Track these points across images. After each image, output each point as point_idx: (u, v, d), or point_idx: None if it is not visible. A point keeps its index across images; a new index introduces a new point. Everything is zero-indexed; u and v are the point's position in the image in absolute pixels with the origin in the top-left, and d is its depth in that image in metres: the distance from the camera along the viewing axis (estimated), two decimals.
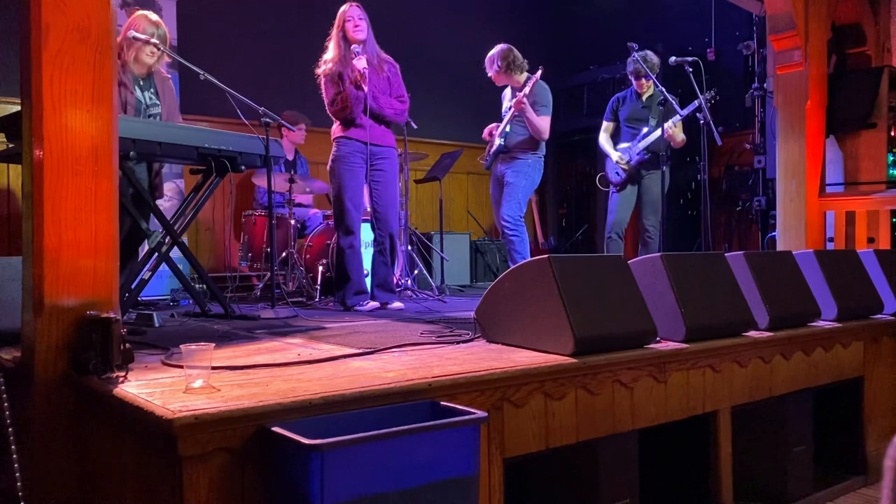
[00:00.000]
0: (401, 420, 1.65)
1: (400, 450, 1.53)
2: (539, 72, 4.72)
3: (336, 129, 4.29)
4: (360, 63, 4.13)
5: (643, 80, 5.18)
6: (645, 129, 5.13)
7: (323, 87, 4.28)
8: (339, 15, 4.28)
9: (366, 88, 4.15)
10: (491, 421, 2.00)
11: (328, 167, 4.30)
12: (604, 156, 5.45)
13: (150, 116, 3.81)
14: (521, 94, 4.69)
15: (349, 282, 4.20)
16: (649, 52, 5.11)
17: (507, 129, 4.87)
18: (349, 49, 4.22)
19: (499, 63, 4.84)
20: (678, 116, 4.91)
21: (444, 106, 7.23)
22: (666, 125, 4.86)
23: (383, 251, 4.33)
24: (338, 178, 4.21)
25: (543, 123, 4.77)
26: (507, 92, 5.06)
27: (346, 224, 4.20)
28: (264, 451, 1.60)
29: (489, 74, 4.96)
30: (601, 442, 2.31)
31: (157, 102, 3.87)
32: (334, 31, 4.28)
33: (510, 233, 4.75)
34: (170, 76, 4.06)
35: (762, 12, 5.39)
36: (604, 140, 5.42)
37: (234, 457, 1.58)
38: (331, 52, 4.27)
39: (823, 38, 4.84)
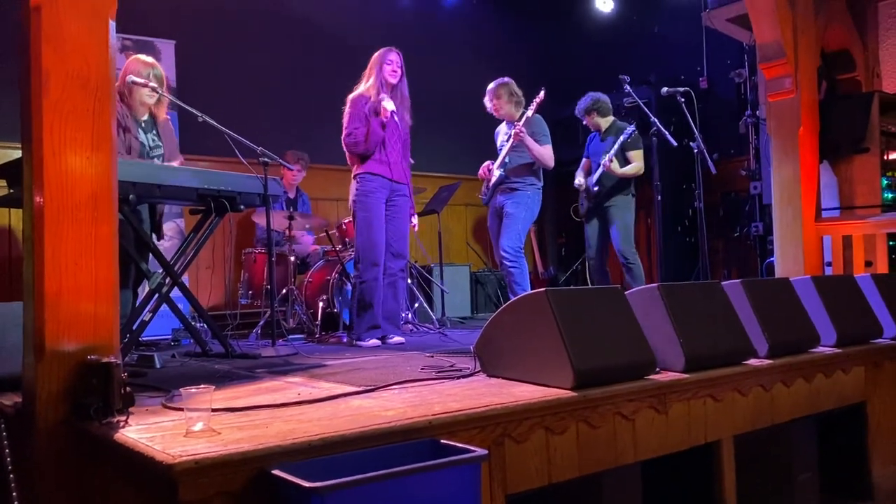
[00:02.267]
0: (401, 459, 1.65)
1: (400, 490, 1.53)
2: (541, 94, 4.79)
3: (358, 165, 4.34)
4: (389, 105, 4.20)
5: (588, 119, 5.52)
6: (601, 161, 5.42)
7: (347, 116, 4.33)
8: (378, 55, 4.37)
9: (402, 122, 4.29)
10: (492, 457, 2.00)
11: (352, 202, 4.35)
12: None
13: (153, 158, 3.85)
14: (522, 120, 4.78)
15: (367, 314, 4.21)
16: (598, 93, 5.49)
17: (507, 160, 4.91)
18: (385, 91, 4.31)
19: (499, 93, 4.92)
20: (613, 149, 5.22)
21: (441, 139, 7.30)
22: (604, 161, 5.23)
23: (394, 285, 4.35)
24: (365, 212, 4.25)
25: (547, 151, 4.87)
26: (502, 127, 5.15)
27: (374, 257, 4.22)
28: (265, 494, 1.59)
29: (489, 105, 5.02)
30: (604, 475, 2.31)
31: (160, 144, 3.92)
32: (372, 70, 4.36)
33: (510, 264, 4.76)
34: (169, 117, 4.10)
35: (752, 41, 5.46)
36: (577, 173, 5.69)
37: (235, 500, 1.58)
38: (367, 87, 4.34)
39: (813, 65, 4.89)
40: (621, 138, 5.21)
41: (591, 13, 8.06)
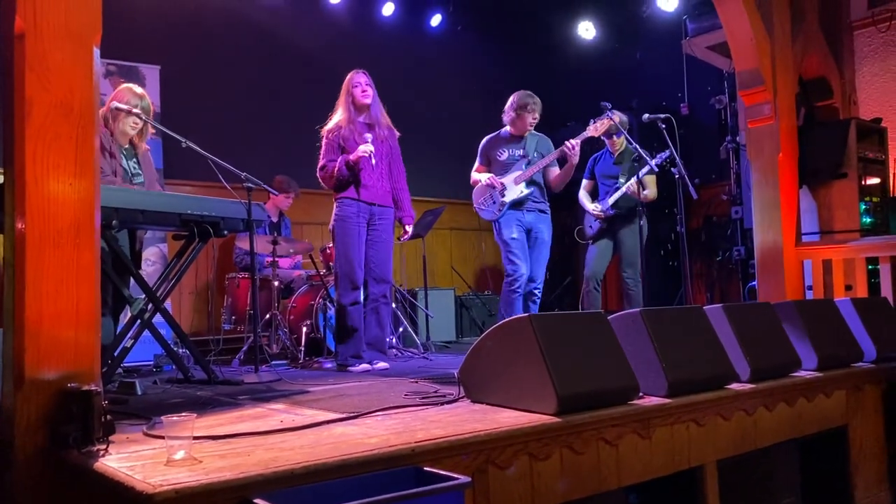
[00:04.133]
0: (384, 488, 1.64)
1: None
2: (616, 114, 4.77)
3: (336, 189, 4.34)
4: (364, 150, 4.18)
5: (614, 139, 5.40)
6: (616, 186, 5.33)
7: (323, 148, 4.36)
8: (346, 80, 4.38)
9: (383, 143, 4.29)
10: (476, 485, 1.99)
11: (331, 226, 4.36)
12: (583, 210, 5.58)
13: (136, 185, 3.87)
14: (580, 138, 4.69)
15: (351, 340, 4.19)
16: (618, 112, 5.24)
17: (533, 178, 4.76)
18: (357, 114, 4.32)
19: (534, 103, 4.81)
20: (643, 172, 5.00)
21: (425, 164, 7.31)
22: (628, 184, 5.13)
23: (377, 310, 4.34)
24: (342, 236, 4.26)
25: None
26: (505, 133, 4.93)
27: (352, 281, 4.21)
28: None
29: (528, 116, 4.80)
30: (588, 501, 2.30)
31: (140, 172, 3.94)
32: (342, 97, 4.38)
33: (540, 293, 4.74)
34: (149, 148, 4.12)
35: (731, 68, 5.55)
36: (582, 195, 5.59)
37: None
38: (339, 116, 4.36)
39: (791, 92, 4.98)
40: (654, 162, 5.02)
41: (574, 40, 8.18)
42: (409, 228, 4.61)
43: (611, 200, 5.32)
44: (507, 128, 4.95)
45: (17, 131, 2.11)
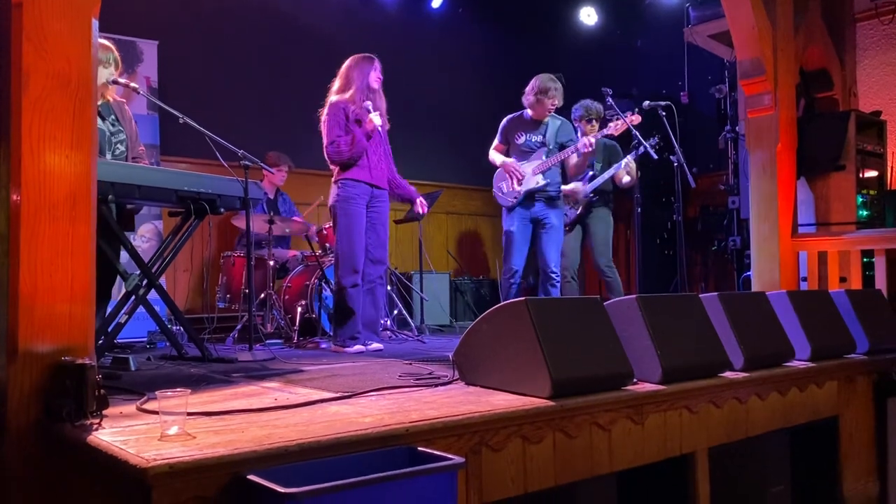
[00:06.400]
0: (378, 466, 1.65)
1: (377, 497, 1.52)
2: (636, 117, 4.82)
3: (340, 171, 4.30)
4: (377, 119, 4.21)
5: (594, 124, 5.36)
6: (591, 173, 5.34)
7: (326, 125, 4.27)
8: (360, 62, 4.32)
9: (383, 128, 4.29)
10: (469, 466, 2.00)
11: (331, 206, 4.34)
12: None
13: (117, 143, 3.76)
14: (593, 137, 4.77)
15: (350, 321, 4.19)
16: (590, 101, 5.35)
17: (550, 168, 4.79)
18: (368, 96, 4.29)
19: (555, 89, 4.83)
20: (627, 158, 5.10)
21: (423, 147, 7.31)
22: (614, 167, 5.18)
23: (373, 291, 4.33)
24: (345, 218, 4.23)
25: None
26: (523, 123, 4.91)
27: (353, 263, 4.19)
28: (240, 499, 1.58)
29: (555, 101, 4.84)
30: (579, 485, 2.31)
31: (121, 128, 3.81)
32: (356, 75, 4.29)
33: (558, 280, 4.78)
34: (124, 100, 3.97)
35: (732, 58, 5.53)
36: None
37: None
38: (348, 93, 4.28)
39: (792, 83, 4.96)
40: (641, 150, 5.06)
41: (576, 26, 8.13)
42: (423, 199, 4.67)
43: (590, 188, 5.32)
44: (529, 110, 4.92)
45: (14, 102, 2.09)
